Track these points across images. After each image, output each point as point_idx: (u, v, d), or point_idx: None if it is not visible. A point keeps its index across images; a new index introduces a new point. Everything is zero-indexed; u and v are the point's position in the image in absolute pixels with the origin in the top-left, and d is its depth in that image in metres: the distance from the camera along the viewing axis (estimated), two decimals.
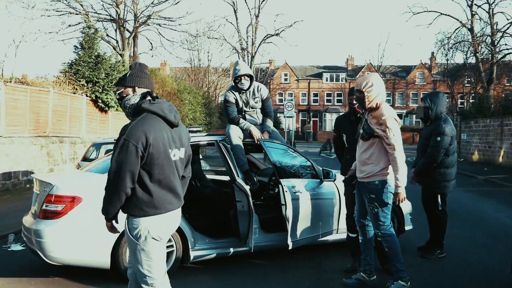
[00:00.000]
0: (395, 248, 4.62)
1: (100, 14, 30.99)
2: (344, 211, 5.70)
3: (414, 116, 59.66)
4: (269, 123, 5.99)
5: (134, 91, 3.14)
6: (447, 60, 42.34)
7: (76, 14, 28.79)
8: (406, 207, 6.30)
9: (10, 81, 12.93)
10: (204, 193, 6.37)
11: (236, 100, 5.89)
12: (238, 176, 5.22)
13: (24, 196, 10.59)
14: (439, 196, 5.92)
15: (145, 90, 3.17)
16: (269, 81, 61.17)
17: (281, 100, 59.57)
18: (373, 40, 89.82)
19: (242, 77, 5.80)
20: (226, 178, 6.08)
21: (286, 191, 5.20)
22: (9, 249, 6.50)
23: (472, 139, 26.36)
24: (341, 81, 62.22)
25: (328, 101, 63.08)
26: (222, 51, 49.27)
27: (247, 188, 5.07)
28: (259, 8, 45.40)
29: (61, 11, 28.84)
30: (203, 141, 5.70)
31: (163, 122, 3.05)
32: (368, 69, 58.04)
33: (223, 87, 50.50)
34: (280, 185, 5.24)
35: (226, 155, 5.27)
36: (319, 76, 63.76)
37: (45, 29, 43.12)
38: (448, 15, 33.93)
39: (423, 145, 5.89)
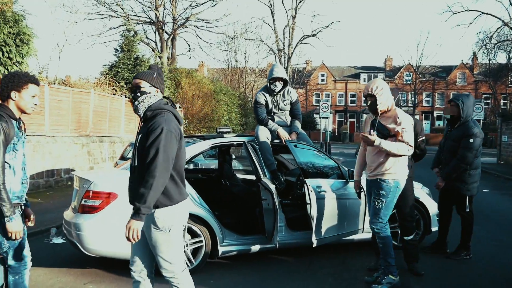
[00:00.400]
0: (389, 245, 4.83)
1: (140, 17, 31.86)
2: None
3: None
4: (297, 124, 6.17)
5: (157, 92, 3.39)
6: (489, 60, 41.36)
7: (117, 17, 29.66)
8: (432, 208, 6.37)
9: (54, 83, 13.55)
10: (233, 191, 6.61)
11: (266, 101, 6.10)
12: (265, 175, 5.42)
13: (65, 193, 11.11)
14: (467, 198, 5.94)
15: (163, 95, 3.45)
16: (305, 81, 61.09)
17: (317, 101, 59.37)
18: (411, 40, 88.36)
19: (277, 80, 6.02)
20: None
21: (311, 191, 5.36)
22: (51, 242, 6.91)
23: None
24: None
25: (366, 101, 62.41)
26: (259, 52, 49.27)
27: (272, 187, 5.27)
28: (296, 9, 45.44)
29: (102, 14, 29.82)
30: (232, 142, 5.94)
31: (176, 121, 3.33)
32: (407, 70, 57.20)
33: (260, 87, 50.86)
34: (305, 185, 5.41)
35: (252, 155, 5.48)
36: (356, 76, 63.23)
37: (87, 32, 44.37)
38: (490, 14, 33.09)
39: (452, 147, 5.89)
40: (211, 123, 23.70)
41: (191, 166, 7.36)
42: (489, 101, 53.60)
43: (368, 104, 4.87)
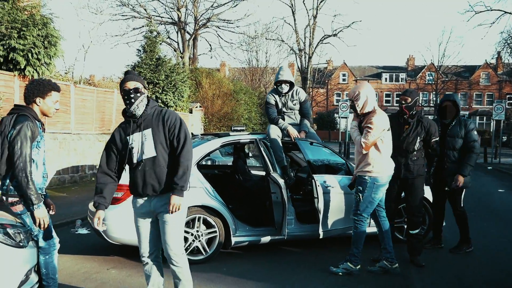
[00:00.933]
0: (360, 238, 5.22)
1: (163, 17, 32.52)
2: None
3: (477, 117, 57.83)
4: (306, 123, 6.50)
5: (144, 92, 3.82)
6: None
7: (141, 18, 30.34)
8: None
9: (79, 83, 14.12)
10: (246, 186, 6.97)
11: (276, 102, 6.45)
12: (275, 171, 5.78)
13: (89, 188, 11.62)
14: (463, 192, 6.23)
15: None
16: (326, 81, 61.18)
17: (338, 101, 59.38)
18: (433, 40, 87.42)
19: (283, 83, 6.37)
20: None
21: (318, 186, 5.70)
22: (76, 233, 7.38)
23: None
24: (401, 81, 61.18)
25: (387, 101, 62.13)
26: (280, 52, 49.61)
27: (281, 181, 5.62)
28: (317, 9, 45.54)
29: (126, 15, 30.52)
30: (245, 139, 6.30)
31: None
32: (429, 69, 56.72)
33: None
34: (313, 180, 5.75)
35: (263, 152, 5.84)
36: (378, 76, 63.00)
37: (111, 32, 45.25)
38: None
39: (453, 143, 6.10)
40: (231, 122, 24.14)
41: (209, 163, 7.75)
42: None
43: (350, 106, 5.29)
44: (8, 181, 3.83)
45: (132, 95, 3.67)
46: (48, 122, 12.08)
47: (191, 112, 21.85)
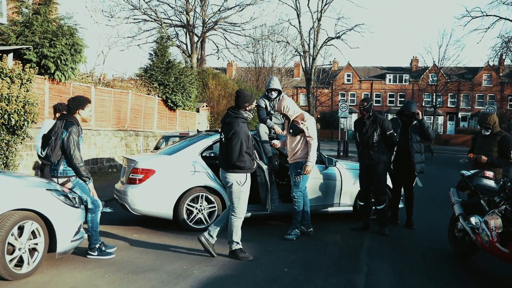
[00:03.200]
0: (300, 210, 6.84)
1: (173, 20, 34.06)
2: (344, 189, 7.81)
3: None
4: None
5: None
6: None
7: (152, 21, 31.92)
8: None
9: (99, 84, 15.76)
10: None
11: (266, 105, 8.01)
12: (261, 159, 7.35)
13: (107, 178, 13.24)
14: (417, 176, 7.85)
15: None
16: (331, 81, 62.49)
17: (344, 100, 60.59)
18: (433, 43, 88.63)
19: (273, 90, 7.94)
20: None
21: None
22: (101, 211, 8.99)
23: None
24: (405, 82, 62.16)
25: (391, 102, 63.13)
26: (285, 53, 50.89)
27: (265, 167, 7.18)
28: (321, 12, 46.91)
29: (138, 18, 32.11)
30: None
31: None
32: (432, 71, 57.69)
33: (285, 87, 52.54)
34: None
35: (254, 145, 7.41)
36: (382, 77, 63.92)
37: (123, 34, 46.88)
38: (507, 19, 34.09)
39: (416, 137, 7.71)
40: None
41: (212, 154, 9.30)
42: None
43: (282, 115, 7.01)
44: (58, 167, 5.49)
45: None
46: None
47: (198, 111, 23.45)
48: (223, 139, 5.71)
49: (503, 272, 5.59)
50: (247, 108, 5.72)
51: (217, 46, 35.87)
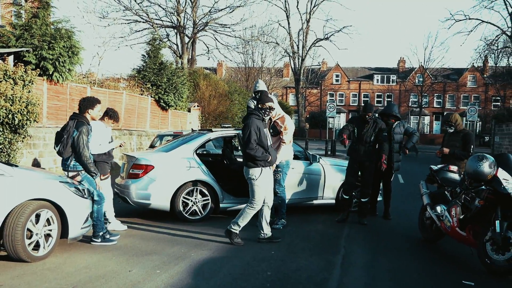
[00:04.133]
0: (284, 203, 7.49)
1: (164, 21, 34.61)
2: (327, 183, 8.51)
3: (464, 118, 60.01)
4: None
5: None
6: (496, 64, 43.20)
7: (143, 22, 32.45)
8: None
9: (94, 85, 16.33)
10: (232, 168, 9.19)
11: (255, 106, 8.66)
12: None
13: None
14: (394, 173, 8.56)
15: None
16: (320, 82, 63.32)
17: (332, 101, 61.29)
18: (419, 44, 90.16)
19: (260, 92, 8.59)
20: None
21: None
22: None
23: (503, 141, 27.82)
24: (392, 82, 63.15)
25: (378, 102, 64.00)
26: (275, 53, 51.72)
27: None
28: (310, 14, 47.81)
29: (129, 19, 32.62)
30: (230, 134, 8.55)
31: None
32: (418, 72, 58.73)
33: (275, 87, 53.29)
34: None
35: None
36: (370, 77, 64.83)
37: (114, 34, 47.22)
38: (489, 23, 35.18)
39: (396, 138, 8.47)
40: (226, 121, 26.36)
41: (205, 152, 9.99)
42: (498, 103, 55.25)
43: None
44: (69, 162, 6.10)
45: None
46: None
47: (189, 111, 24.06)
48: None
49: (463, 253, 6.29)
50: (259, 106, 6.46)
51: (207, 47, 36.60)
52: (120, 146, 7.33)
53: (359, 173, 8.11)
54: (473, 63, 51.89)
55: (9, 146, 10.22)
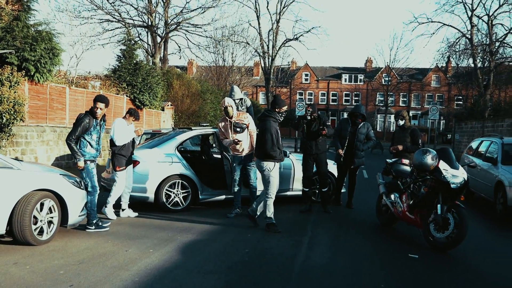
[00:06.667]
0: (255, 193, 8.27)
1: (135, 20, 34.92)
2: (296, 176, 9.40)
3: (428, 116, 62.09)
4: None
5: None
6: (457, 65, 45.14)
7: (116, 22, 32.77)
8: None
9: (72, 85, 16.85)
10: (210, 163, 10.02)
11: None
12: (227, 152, 8.84)
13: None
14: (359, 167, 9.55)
15: None
16: (290, 81, 64.43)
17: (301, 100, 62.42)
18: (385, 45, 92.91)
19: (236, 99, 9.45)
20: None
21: None
22: None
23: (462, 138, 29.40)
24: (359, 82, 64.69)
25: (346, 101, 65.48)
26: (245, 53, 52.40)
27: (230, 157, 8.70)
28: (279, 14, 48.75)
29: (101, 18, 32.85)
30: (209, 131, 9.37)
31: None
32: (385, 72, 60.52)
33: (245, 86, 54.04)
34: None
35: (220, 140, 8.89)
36: (338, 77, 66.13)
37: (86, 33, 47.13)
38: (450, 26, 37.05)
39: (360, 137, 9.34)
40: (198, 119, 27.07)
41: (182, 149, 10.77)
42: (461, 102, 57.47)
43: (226, 114, 8.13)
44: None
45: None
46: (49, 118, 14.86)
47: (163, 110, 24.68)
48: (258, 133, 7.27)
49: (412, 235, 7.28)
50: (277, 110, 7.27)
51: (179, 46, 37.13)
52: (137, 133, 8.21)
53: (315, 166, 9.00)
54: (436, 64, 54.18)
55: None
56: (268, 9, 47.90)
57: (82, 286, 4.54)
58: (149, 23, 34.12)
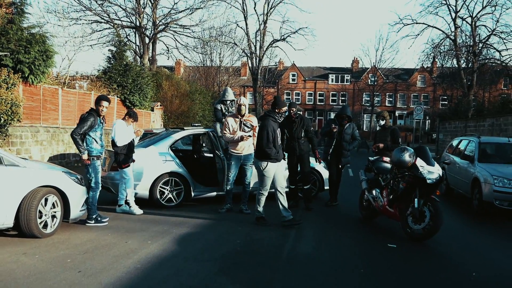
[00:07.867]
0: (248, 191, 8.76)
1: (124, 21, 35.19)
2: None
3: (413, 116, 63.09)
4: None
5: None
6: (442, 65, 46.00)
7: (104, 23, 33.00)
8: (325, 173, 10.32)
9: (64, 87, 17.18)
10: (201, 162, 10.48)
11: (221, 108, 9.95)
12: (219, 151, 9.29)
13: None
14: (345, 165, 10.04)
15: None
16: (277, 81, 64.93)
17: (288, 100, 62.87)
18: (371, 46, 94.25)
19: (228, 100, 9.89)
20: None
21: None
22: None
23: (446, 138, 30.14)
24: (346, 82, 65.40)
25: (333, 101, 66.16)
26: (233, 54, 52.75)
27: (222, 155, 9.15)
28: (267, 15, 49.10)
29: (90, 19, 33.06)
30: (200, 132, 9.83)
31: None
32: (371, 72, 61.28)
33: (233, 86, 54.44)
34: None
35: (212, 139, 9.34)
36: (325, 77, 66.74)
37: (74, 34, 47.25)
38: (434, 27, 37.73)
39: (346, 137, 9.79)
40: (187, 119, 27.48)
41: (174, 148, 11.23)
42: (446, 102, 58.44)
43: (239, 111, 8.53)
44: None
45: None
46: (42, 118, 15.19)
47: (152, 110, 25.06)
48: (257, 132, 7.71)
49: (392, 228, 7.81)
50: (277, 111, 7.63)
51: (167, 47, 37.34)
52: (137, 134, 8.62)
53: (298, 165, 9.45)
54: (422, 64, 55.10)
55: None
56: (255, 10, 48.68)
57: (90, 272, 4.99)
58: (138, 24, 34.42)
